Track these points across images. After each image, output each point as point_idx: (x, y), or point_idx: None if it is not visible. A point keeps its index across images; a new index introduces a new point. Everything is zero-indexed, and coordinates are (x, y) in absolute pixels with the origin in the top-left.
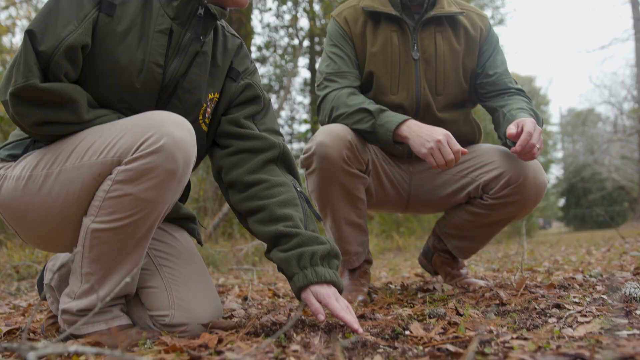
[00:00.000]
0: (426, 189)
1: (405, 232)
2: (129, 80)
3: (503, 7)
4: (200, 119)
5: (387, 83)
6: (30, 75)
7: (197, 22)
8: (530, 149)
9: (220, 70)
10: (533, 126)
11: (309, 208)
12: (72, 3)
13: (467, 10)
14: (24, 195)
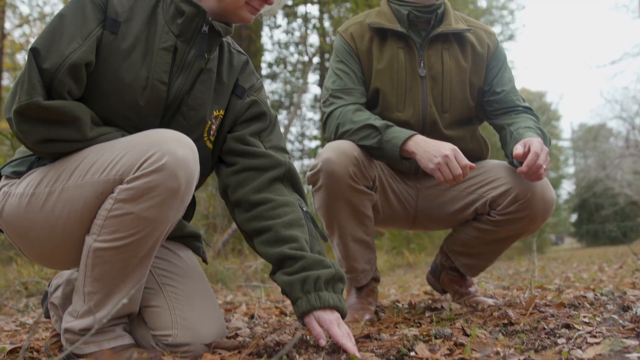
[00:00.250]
0: (433, 206)
1: (415, 249)
2: (133, 97)
3: (513, 23)
4: (205, 136)
5: (393, 100)
6: (33, 93)
7: (202, 39)
8: (537, 169)
9: (226, 87)
10: (540, 146)
11: (315, 228)
12: (77, 21)
13: (474, 26)
14: (27, 213)
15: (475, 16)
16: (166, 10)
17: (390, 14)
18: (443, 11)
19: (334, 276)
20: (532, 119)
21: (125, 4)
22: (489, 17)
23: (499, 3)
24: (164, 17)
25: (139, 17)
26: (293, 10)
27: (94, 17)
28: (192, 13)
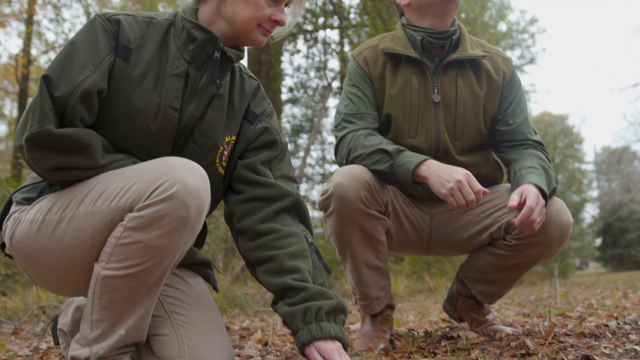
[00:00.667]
0: (448, 231)
1: (436, 274)
2: (144, 124)
3: (534, 47)
4: (217, 162)
5: (405, 126)
6: (45, 121)
7: (214, 65)
8: (531, 224)
9: (237, 113)
10: (535, 200)
11: (319, 260)
12: (89, 48)
13: (491, 52)
14: (37, 240)
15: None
16: (178, 36)
17: (405, 39)
18: (458, 37)
19: (336, 307)
20: (539, 156)
21: (137, 31)
22: (509, 41)
23: (519, 27)
24: (175, 43)
25: (151, 43)
26: (313, 35)
27: (105, 45)
28: (203, 39)
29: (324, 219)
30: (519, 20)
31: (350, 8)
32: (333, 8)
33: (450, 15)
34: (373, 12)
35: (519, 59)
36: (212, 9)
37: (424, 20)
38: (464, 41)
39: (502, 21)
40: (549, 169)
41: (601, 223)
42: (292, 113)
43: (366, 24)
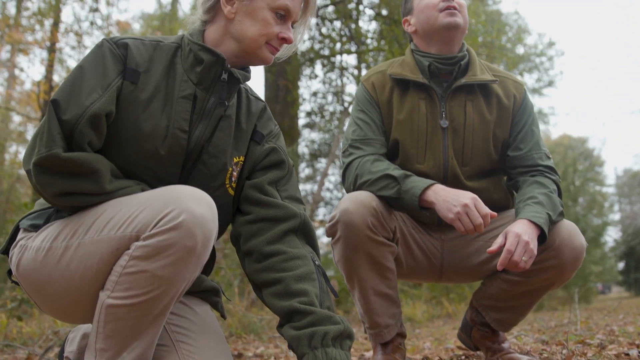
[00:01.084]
0: (459, 257)
1: (455, 299)
2: (153, 147)
3: (552, 69)
4: (227, 183)
5: (413, 151)
6: (53, 145)
7: (221, 86)
8: (514, 265)
9: (245, 134)
10: (515, 240)
11: (326, 283)
12: (97, 72)
13: (501, 76)
14: (43, 267)
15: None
16: (185, 59)
17: (413, 64)
18: (467, 62)
19: (342, 332)
20: (542, 184)
21: (144, 54)
22: (527, 64)
23: (537, 50)
24: (182, 65)
25: (158, 67)
26: (331, 60)
27: (113, 68)
28: (211, 61)
29: (332, 246)
30: (536, 44)
31: (368, 33)
32: (350, 33)
33: (455, 42)
34: (389, 36)
35: (537, 82)
36: (219, 29)
37: (430, 47)
38: (474, 66)
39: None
40: (552, 194)
41: (623, 246)
42: (310, 138)
43: (383, 49)
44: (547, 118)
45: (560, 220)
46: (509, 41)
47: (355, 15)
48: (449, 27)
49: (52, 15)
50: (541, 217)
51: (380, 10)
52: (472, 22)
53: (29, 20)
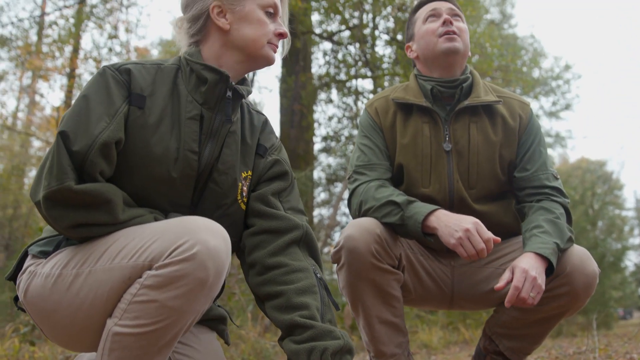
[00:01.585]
0: (469, 284)
1: (472, 324)
2: (165, 170)
3: (569, 93)
4: (239, 198)
5: (417, 175)
6: (64, 178)
7: (226, 104)
8: (522, 302)
9: (250, 148)
10: (522, 276)
11: (328, 296)
12: (102, 100)
13: (506, 97)
14: (52, 294)
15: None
16: (187, 80)
17: (417, 88)
18: (471, 84)
19: (342, 348)
20: (549, 209)
21: (147, 79)
22: (544, 87)
23: (553, 73)
24: (186, 86)
25: (162, 89)
26: (346, 85)
27: (118, 95)
28: (215, 80)
29: (337, 273)
30: (553, 67)
31: (383, 57)
32: (365, 58)
33: (457, 66)
34: (404, 61)
35: (554, 106)
36: (216, 44)
37: (432, 72)
38: (477, 88)
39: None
40: (559, 220)
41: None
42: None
43: (398, 73)
44: (565, 141)
45: (570, 247)
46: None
47: (371, 40)
48: (448, 52)
49: (71, 42)
50: (548, 248)
51: (396, 35)
52: (487, 46)
53: (50, 47)
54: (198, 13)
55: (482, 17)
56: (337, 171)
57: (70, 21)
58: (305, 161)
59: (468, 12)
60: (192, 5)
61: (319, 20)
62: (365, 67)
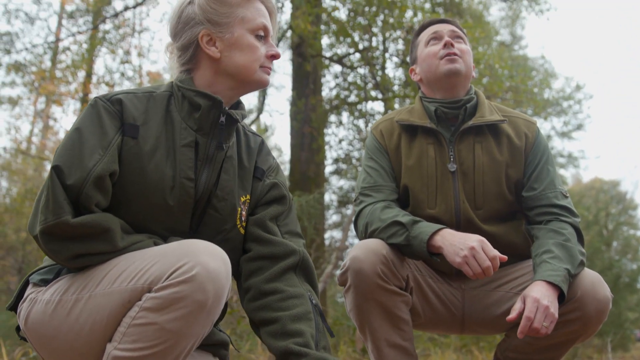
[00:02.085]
0: (480, 308)
1: (485, 347)
2: (162, 198)
3: (581, 113)
4: (238, 223)
5: (423, 197)
6: (61, 212)
7: (220, 130)
8: (535, 333)
9: (248, 172)
10: (534, 307)
11: (323, 323)
12: (95, 132)
13: (512, 116)
14: (52, 320)
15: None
16: (179, 107)
17: (421, 110)
18: (475, 104)
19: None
20: (558, 232)
21: (139, 107)
22: (556, 107)
23: (565, 93)
24: (179, 114)
25: (155, 117)
26: (357, 107)
27: (111, 126)
28: (208, 106)
29: (344, 295)
30: (564, 87)
31: (394, 80)
32: (376, 81)
33: (459, 87)
34: (414, 82)
35: (566, 126)
36: (208, 71)
37: (436, 94)
38: (482, 107)
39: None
40: (568, 243)
41: None
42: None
43: (409, 95)
44: (578, 161)
45: (582, 271)
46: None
47: (381, 63)
48: (449, 74)
49: (84, 67)
50: (559, 276)
51: (405, 57)
52: (497, 67)
53: (63, 73)
54: (187, 42)
55: (492, 38)
56: (348, 193)
57: (83, 47)
58: (315, 184)
59: (477, 33)
60: (181, 34)
61: (329, 44)
62: (375, 90)
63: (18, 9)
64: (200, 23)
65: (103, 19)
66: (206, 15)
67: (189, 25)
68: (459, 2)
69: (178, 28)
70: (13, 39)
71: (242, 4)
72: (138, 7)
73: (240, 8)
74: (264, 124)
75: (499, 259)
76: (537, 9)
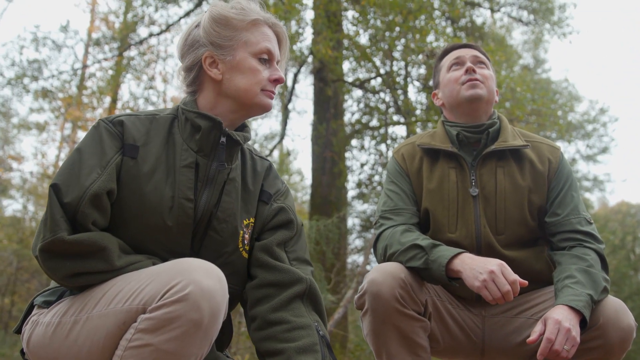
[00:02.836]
0: (500, 335)
1: None
2: (160, 219)
3: (606, 136)
4: (240, 246)
5: (444, 221)
6: (57, 230)
7: (220, 151)
8: (555, 355)
9: (252, 195)
10: (555, 329)
11: (330, 354)
12: (94, 152)
13: (535, 142)
14: (52, 342)
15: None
16: (182, 128)
17: (443, 134)
18: (498, 129)
19: None
20: (582, 257)
21: (141, 129)
22: (580, 131)
23: (589, 116)
24: (181, 135)
25: (157, 139)
26: (379, 131)
27: (111, 146)
28: (208, 127)
29: (360, 319)
30: (588, 110)
31: (417, 104)
32: (397, 106)
33: (481, 112)
34: (436, 107)
35: (591, 149)
36: (210, 93)
37: (458, 118)
38: (504, 132)
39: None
40: (592, 269)
41: None
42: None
43: (431, 119)
44: (604, 185)
45: (605, 298)
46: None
47: (403, 87)
48: (471, 100)
49: (110, 93)
50: (581, 301)
51: (427, 82)
52: (519, 91)
53: (89, 99)
54: (191, 64)
55: (515, 62)
56: (370, 217)
57: (109, 73)
58: (337, 208)
59: (497, 57)
60: (186, 56)
61: (350, 68)
62: (397, 114)
63: (46, 37)
64: (203, 45)
65: (128, 46)
66: (209, 38)
67: (193, 48)
68: (480, 26)
69: (184, 50)
70: (41, 66)
71: (247, 28)
72: (162, 34)
73: (245, 32)
74: (286, 149)
75: (519, 283)
76: (560, 32)
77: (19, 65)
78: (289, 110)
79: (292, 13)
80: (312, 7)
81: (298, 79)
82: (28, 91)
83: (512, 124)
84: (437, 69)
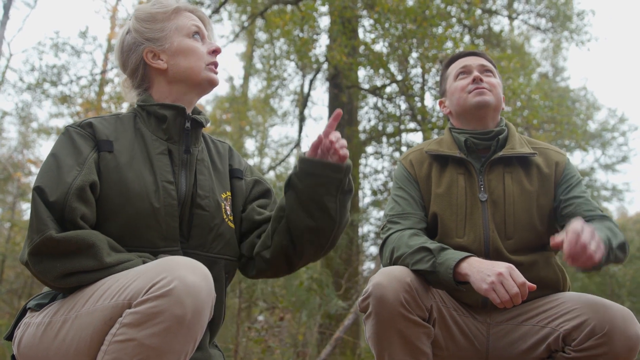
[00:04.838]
0: (505, 343)
1: None
2: (148, 202)
3: (626, 145)
4: (225, 217)
5: (452, 225)
6: (45, 229)
7: (186, 135)
8: (583, 249)
9: (223, 173)
10: (580, 225)
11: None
12: (70, 153)
13: (541, 148)
14: (42, 343)
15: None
16: (146, 123)
17: (451, 141)
18: (506, 136)
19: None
20: (606, 225)
21: (109, 127)
22: (598, 140)
23: (608, 125)
24: (147, 128)
25: (126, 134)
26: (394, 137)
27: (85, 145)
28: (173, 115)
29: (364, 323)
30: (607, 119)
31: (434, 111)
32: (413, 112)
33: (489, 119)
34: None
35: (610, 158)
36: (161, 84)
37: (465, 126)
38: (512, 139)
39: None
40: (616, 228)
41: None
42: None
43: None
44: (623, 195)
45: (612, 305)
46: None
47: (419, 94)
48: (479, 107)
49: None
50: (602, 233)
51: None
52: (536, 99)
53: (108, 104)
54: (135, 65)
55: (533, 70)
56: None
57: None
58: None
59: (513, 64)
60: (128, 61)
61: (366, 75)
62: (413, 121)
63: (65, 43)
64: (140, 43)
65: None
66: (144, 35)
67: (132, 50)
68: (498, 34)
69: (124, 57)
70: (60, 72)
71: (172, 17)
72: None
73: (172, 20)
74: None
75: (528, 287)
76: (578, 39)
77: (39, 70)
78: (305, 116)
79: (307, 19)
80: (327, 13)
81: (314, 85)
82: (47, 96)
83: (529, 131)
84: (443, 76)
